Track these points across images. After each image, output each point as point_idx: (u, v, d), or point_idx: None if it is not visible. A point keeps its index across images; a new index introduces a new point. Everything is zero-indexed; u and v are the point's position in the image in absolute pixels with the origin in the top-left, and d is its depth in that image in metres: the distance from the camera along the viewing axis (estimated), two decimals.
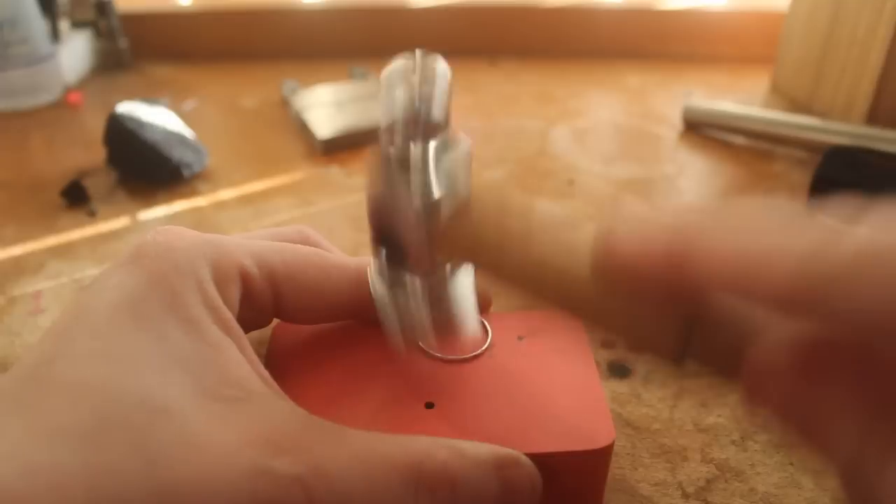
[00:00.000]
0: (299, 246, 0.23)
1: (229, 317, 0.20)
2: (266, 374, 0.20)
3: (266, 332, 0.25)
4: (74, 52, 0.62)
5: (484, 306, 0.27)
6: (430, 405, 0.22)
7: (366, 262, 0.24)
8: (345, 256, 0.24)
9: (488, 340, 0.25)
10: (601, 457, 0.21)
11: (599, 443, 0.21)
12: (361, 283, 0.23)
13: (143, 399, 0.17)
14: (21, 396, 0.17)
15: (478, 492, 0.18)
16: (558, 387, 0.23)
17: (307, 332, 0.25)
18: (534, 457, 0.20)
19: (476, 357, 0.24)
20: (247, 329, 0.23)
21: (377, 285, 0.22)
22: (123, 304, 0.18)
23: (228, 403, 0.18)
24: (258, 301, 0.22)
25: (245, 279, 0.21)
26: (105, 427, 0.16)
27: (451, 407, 0.22)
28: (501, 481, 0.19)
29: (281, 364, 0.24)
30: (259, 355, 0.25)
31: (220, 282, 0.20)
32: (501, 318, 0.26)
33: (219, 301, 0.20)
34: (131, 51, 0.67)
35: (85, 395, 0.16)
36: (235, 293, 0.21)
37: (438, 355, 0.24)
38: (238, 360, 0.19)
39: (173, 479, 0.16)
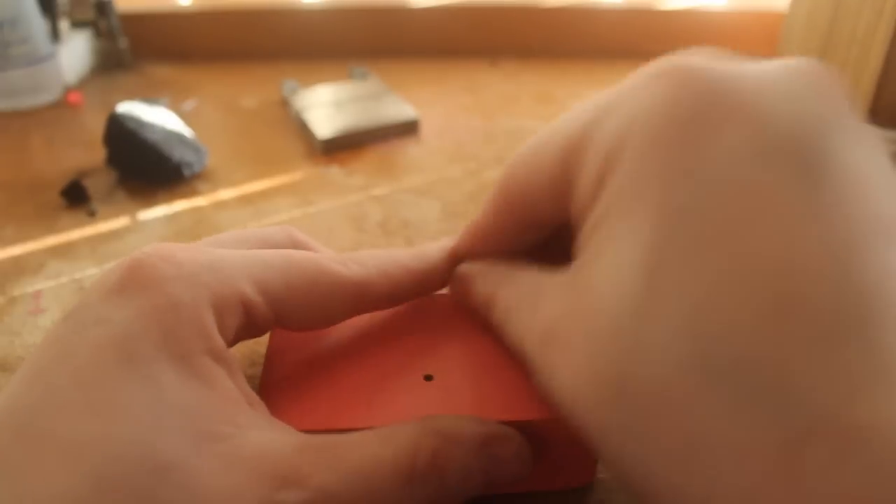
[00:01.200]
0: (302, 259, 0.23)
1: (220, 344, 0.19)
2: (256, 398, 0.20)
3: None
4: (74, 52, 0.62)
5: None
6: (428, 377, 0.23)
7: (370, 269, 0.24)
8: (340, 263, 0.23)
9: None
10: None
11: None
12: (362, 296, 0.23)
13: (141, 455, 0.16)
14: (11, 458, 0.16)
15: (465, 471, 0.19)
16: None
17: None
18: (527, 424, 0.21)
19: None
20: (240, 341, 0.23)
21: None
22: (110, 345, 0.17)
23: (225, 442, 0.17)
24: (260, 326, 0.21)
25: (247, 308, 0.21)
26: (104, 489, 0.15)
27: (449, 378, 0.23)
28: (489, 458, 0.19)
29: (282, 347, 0.24)
30: (259, 355, 0.25)
31: (219, 311, 0.20)
32: None
33: (213, 331, 0.19)
34: (131, 51, 0.67)
35: (78, 453, 0.15)
36: (233, 322, 0.20)
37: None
38: (229, 391, 0.19)
39: None
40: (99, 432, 0.16)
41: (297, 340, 0.24)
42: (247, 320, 0.21)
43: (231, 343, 0.21)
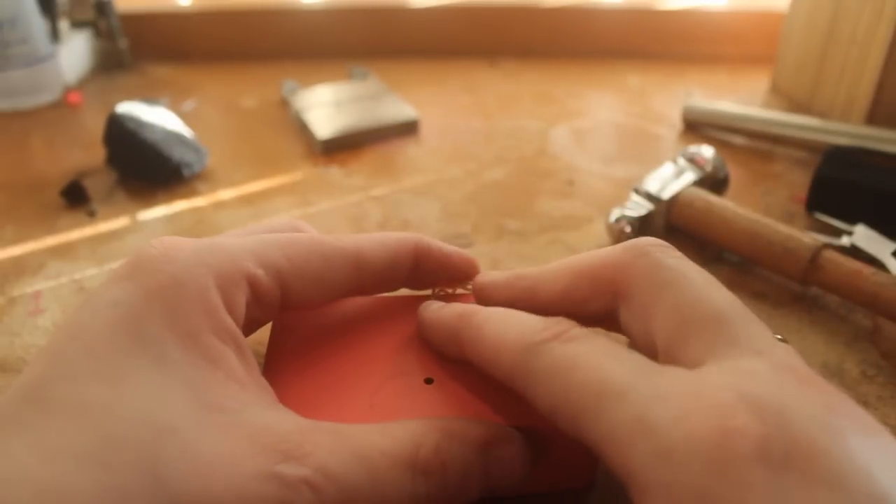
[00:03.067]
0: (297, 235, 0.23)
1: (229, 324, 0.20)
2: (263, 381, 0.21)
3: (266, 327, 0.25)
4: (74, 52, 0.62)
5: (471, 273, 0.27)
6: (429, 380, 0.23)
7: (362, 240, 0.24)
8: (340, 238, 0.24)
9: None
10: None
11: None
12: (361, 263, 0.24)
13: (146, 418, 0.17)
14: (22, 418, 0.16)
15: (466, 469, 0.19)
16: None
17: (308, 315, 0.26)
18: (528, 429, 0.21)
19: None
20: (255, 327, 0.24)
21: None
22: (121, 323, 0.18)
23: (228, 415, 0.18)
24: (266, 301, 0.22)
25: (252, 283, 0.21)
26: (111, 446, 0.16)
27: (450, 383, 0.23)
28: (489, 458, 0.20)
29: (283, 348, 0.24)
30: (259, 356, 0.25)
31: (225, 289, 0.20)
32: None
33: (220, 310, 0.20)
34: (131, 51, 0.67)
35: (88, 415, 0.16)
36: (241, 299, 0.21)
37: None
38: (235, 371, 0.19)
39: (184, 494, 0.16)
40: (107, 397, 0.17)
41: (297, 343, 0.24)
42: (253, 295, 0.21)
43: (243, 320, 0.21)
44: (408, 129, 0.52)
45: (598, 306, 0.22)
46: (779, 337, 0.19)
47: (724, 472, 0.14)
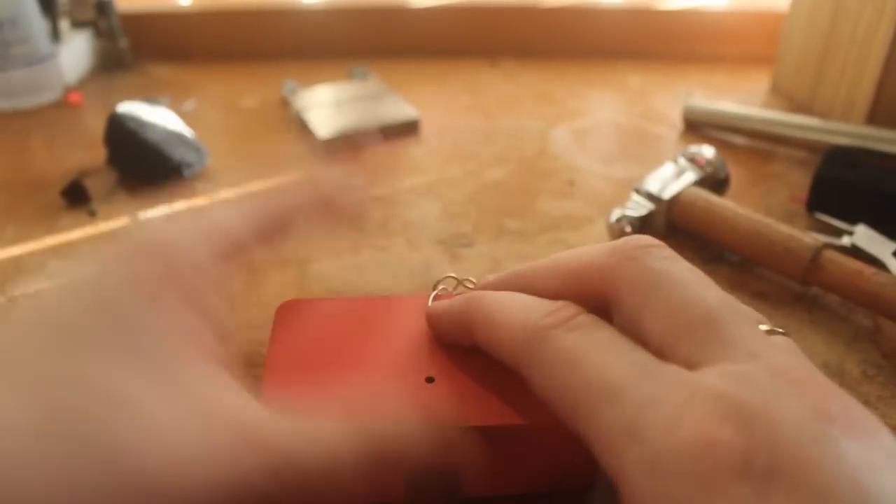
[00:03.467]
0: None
1: (205, 301, 0.20)
2: (232, 362, 0.21)
3: (267, 320, 0.25)
4: (74, 52, 0.62)
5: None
6: (430, 380, 0.23)
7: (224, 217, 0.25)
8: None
9: None
10: None
11: None
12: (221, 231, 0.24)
13: (101, 390, 0.16)
14: None
15: (417, 459, 0.19)
16: None
17: (311, 311, 0.26)
18: (529, 427, 0.21)
19: None
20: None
21: None
22: (97, 301, 0.18)
23: (192, 398, 0.18)
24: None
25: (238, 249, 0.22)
26: (60, 418, 0.16)
27: (450, 382, 0.23)
28: (436, 447, 0.20)
29: (285, 342, 0.24)
30: (260, 357, 0.25)
31: (213, 267, 0.21)
32: None
33: (203, 291, 0.20)
34: (131, 51, 0.67)
35: (39, 387, 0.16)
36: (230, 273, 0.22)
37: None
38: (206, 347, 0.19)
39: (135, 467, 0.16)
40: (63, 368, 0.17)
41: (298, 343, 0.25)
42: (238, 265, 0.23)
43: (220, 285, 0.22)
44: (408, 128, 0.52)
45: (589, 308, 0.22)
46: (780, 330, 0.19)
47: (707, 486, 0.15)
